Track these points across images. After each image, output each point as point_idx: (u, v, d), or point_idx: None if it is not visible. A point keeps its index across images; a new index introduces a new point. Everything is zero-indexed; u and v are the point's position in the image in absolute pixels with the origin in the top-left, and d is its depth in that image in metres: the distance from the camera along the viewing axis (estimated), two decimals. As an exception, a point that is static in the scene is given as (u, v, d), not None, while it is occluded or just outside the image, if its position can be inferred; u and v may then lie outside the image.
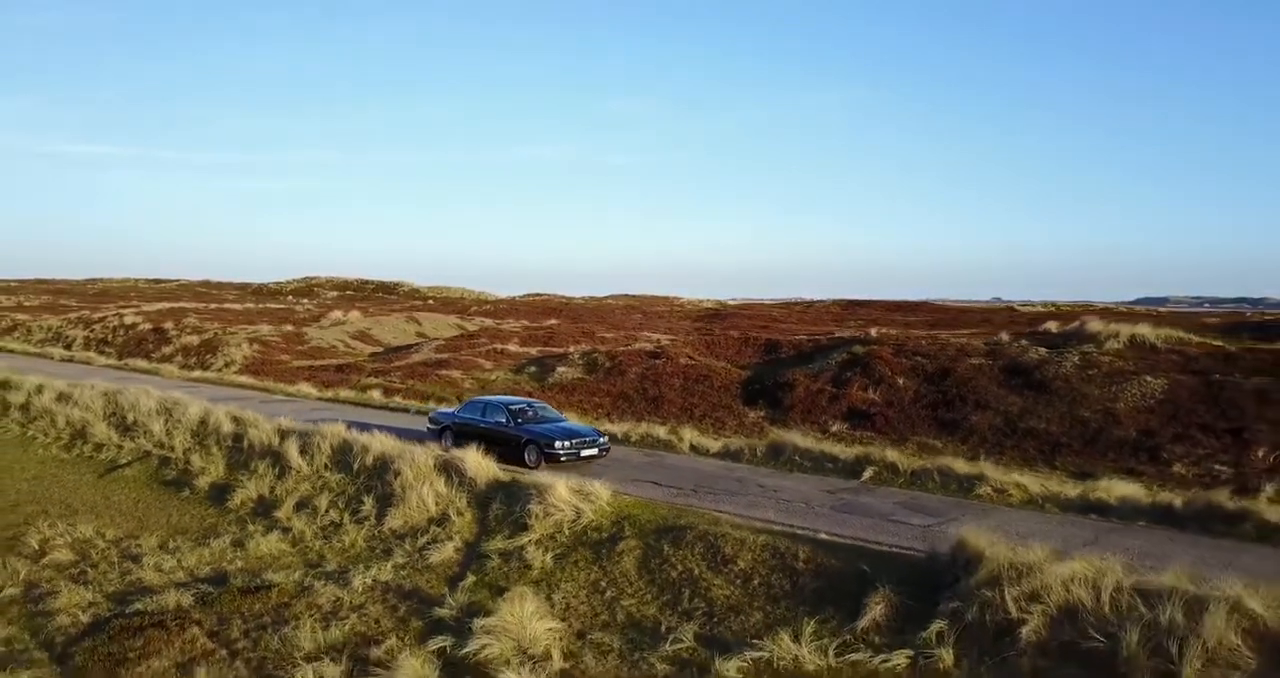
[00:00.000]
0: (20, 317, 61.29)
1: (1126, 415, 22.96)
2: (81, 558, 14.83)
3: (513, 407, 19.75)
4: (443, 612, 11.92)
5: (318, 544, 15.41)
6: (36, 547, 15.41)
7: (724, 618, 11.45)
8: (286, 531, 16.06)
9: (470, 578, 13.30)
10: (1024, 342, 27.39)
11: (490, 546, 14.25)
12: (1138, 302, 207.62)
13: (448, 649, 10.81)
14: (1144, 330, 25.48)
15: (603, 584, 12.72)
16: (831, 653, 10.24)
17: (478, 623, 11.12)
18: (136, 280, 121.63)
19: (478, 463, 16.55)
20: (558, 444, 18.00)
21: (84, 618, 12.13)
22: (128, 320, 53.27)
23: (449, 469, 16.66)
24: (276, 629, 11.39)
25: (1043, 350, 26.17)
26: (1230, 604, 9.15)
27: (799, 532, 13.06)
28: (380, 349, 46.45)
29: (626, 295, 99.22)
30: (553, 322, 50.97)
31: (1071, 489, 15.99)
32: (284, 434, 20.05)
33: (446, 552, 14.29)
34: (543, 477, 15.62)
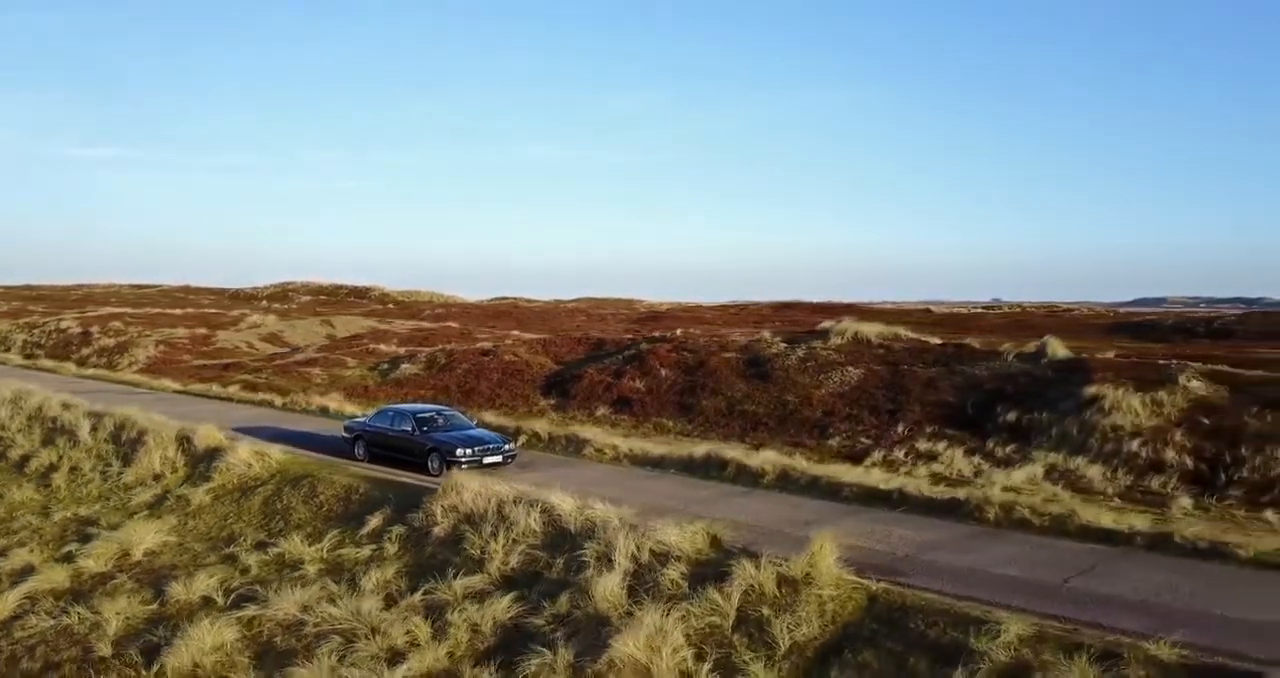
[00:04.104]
0: (-23, 323, 67.16)
1: (819, 400, 27.70)
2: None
3: (420, 415, 20.16)
4: (94, 531, 16.97)
5: (65, 494, 20.53)
6: None
7: (289, 532, 16.39)
8: (49, 485, 21.20)
9: (145, 512, 18.35)
10: (777, 338, 32.10)
11: (178, 491, 19.31)
12: (1134, 302, 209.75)
13: (72, 551, 15.84)
14: (865, 328, 30.13)
15: (230, 514, 17.74)
16: (327, 549, 15.19)
17: (104, 535, 16.14)
18: (120, 286, 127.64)
19: (206, 433, 21.56)
20: (459, 452, 18.53)
21: None
22: (63, 325, 58.89)
23: (184, 439, 21.70)
24: (-38, 539, 16.50)
25: (782, 345, 30.91)
26: (548, 507, 14.01)
27: (375, 475, 18.02)
28: (286, 349, 51.65)
29: (591, 298, 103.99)
30: (451, 324, 56.07)
31: (662, 450, 20.75)
32: (88, 415, 25.17)
33: (145, 496, 19.38)
34: (237, 441, 20.59)
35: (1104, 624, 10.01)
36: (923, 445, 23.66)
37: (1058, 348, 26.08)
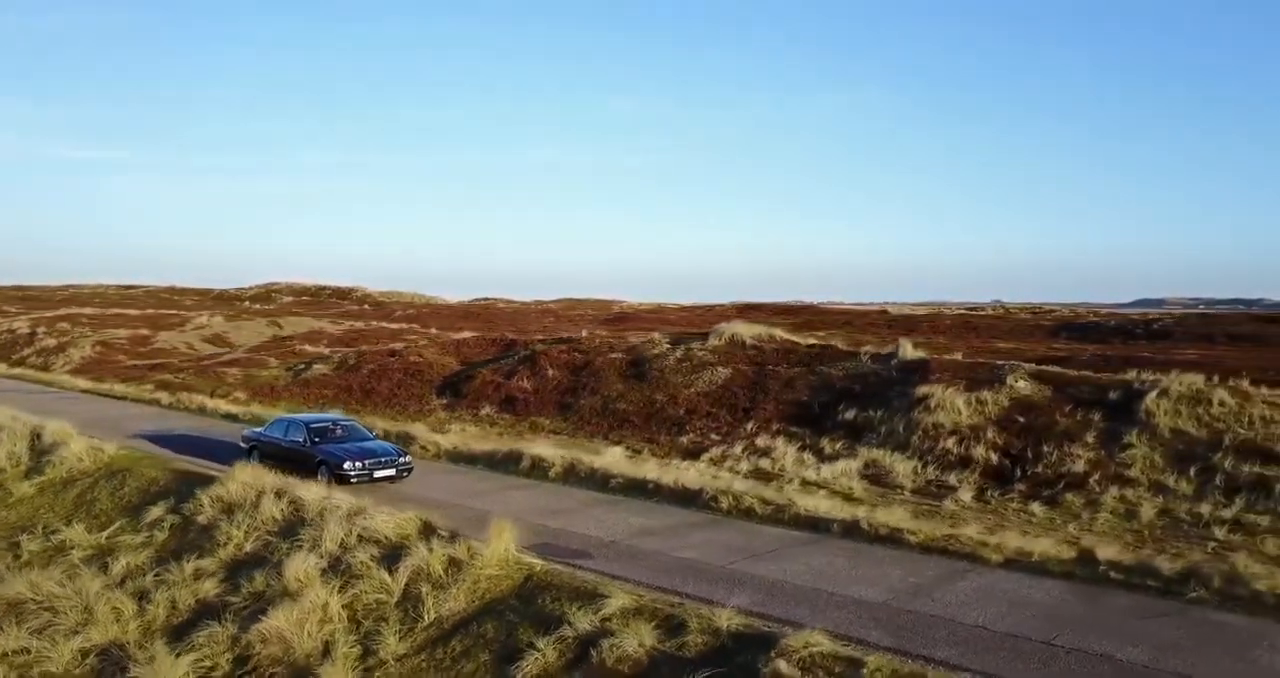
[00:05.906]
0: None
1: (685, 399, 28.65)
2: None
3: (313, 425, 19.51)
4: (-95, 520, 18.11)
5: (-88, 487, 21.66)
6: None
7: (84, 521, 17.46)
8: (-100, 479, 22.32)
9: (-32, 503, 19.48)
10: (664, 339, 33.06)
11: (11, 485, 20.41)
12: (1135, 303, 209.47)
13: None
14: (741, 329, 31.06)
15: (45, 506, 18.85)
16: (107, 536, 16.27)
17: (-91, 523, 17.26)
18: (107, 286, 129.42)
19: (54, 429, 22.69)
20: (347, 465, 17.80)
21: None
22: (14, 326, 60.36)
23: (35, 435, 22.83)
24: None
25: (666, 346, 31.88)
26: (295, 498, 15.05)
27: (187, 469, 19.09)
28: (224, 350, 52.89)
29: (570, 299, 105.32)
30: (391, 325, 57.22)
31: (487, 446, 21.76)
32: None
33: (-22, 489, 20.48)
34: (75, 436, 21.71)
35: (715, 599, 10.93)
36: (762, 442, 24.61)
37: (909, 349, 26.94)
